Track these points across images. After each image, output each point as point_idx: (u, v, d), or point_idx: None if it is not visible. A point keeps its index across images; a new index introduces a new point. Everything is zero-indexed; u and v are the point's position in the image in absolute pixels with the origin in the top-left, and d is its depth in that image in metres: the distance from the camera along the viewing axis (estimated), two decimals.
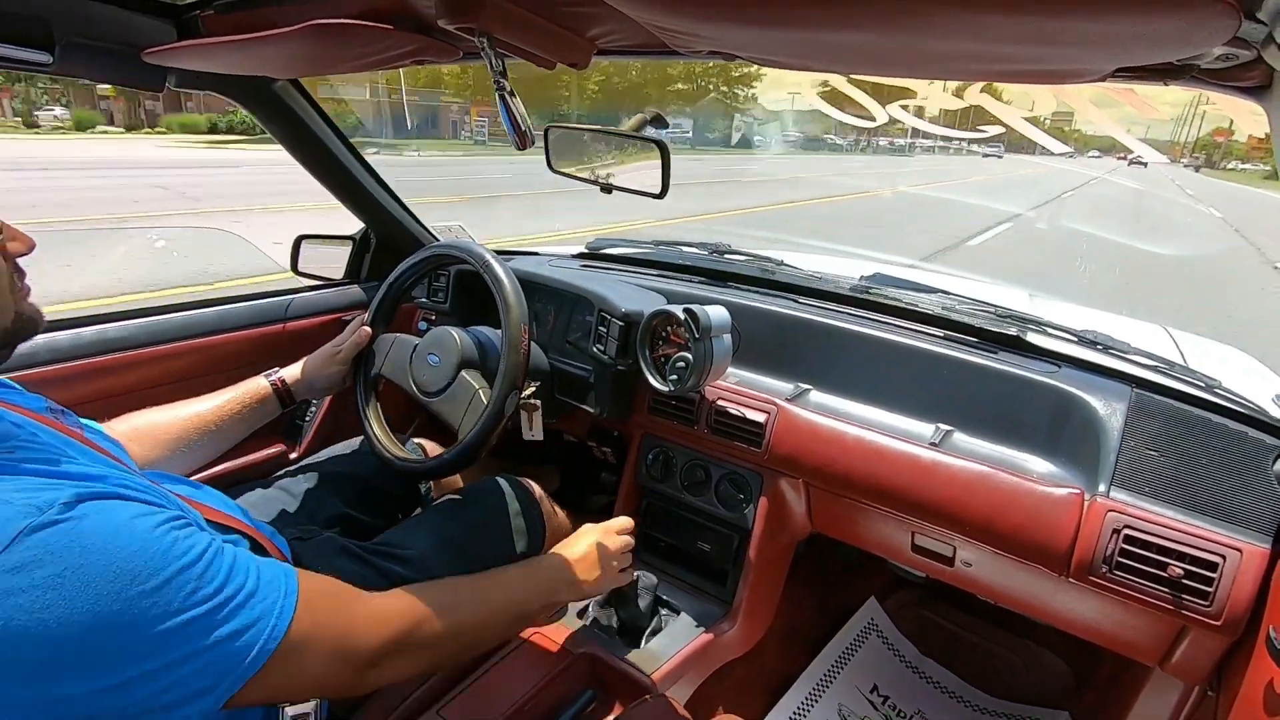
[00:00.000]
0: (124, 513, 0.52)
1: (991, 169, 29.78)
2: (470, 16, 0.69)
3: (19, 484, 0.51)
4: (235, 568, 0.56)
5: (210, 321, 1.34)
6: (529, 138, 0.82)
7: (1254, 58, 0.54)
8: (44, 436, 0.62)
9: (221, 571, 0.55)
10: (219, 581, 0.54)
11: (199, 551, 0.54)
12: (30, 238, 0.63)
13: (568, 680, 1.03)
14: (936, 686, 1.46)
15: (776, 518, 1.21)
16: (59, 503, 0.49)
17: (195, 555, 0.54)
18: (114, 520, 0.51)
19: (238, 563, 0.57)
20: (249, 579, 0.56)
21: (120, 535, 0.50)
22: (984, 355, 1.12)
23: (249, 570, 0.57)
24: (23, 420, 0.62)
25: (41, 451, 0.58)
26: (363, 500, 1.16)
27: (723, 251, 1.59)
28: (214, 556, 0.55)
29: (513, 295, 1.04)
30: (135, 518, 0.53)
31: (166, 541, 0.52)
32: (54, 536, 0.47)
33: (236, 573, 0.56)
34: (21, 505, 0.48)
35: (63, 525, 0.48)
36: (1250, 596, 0.81)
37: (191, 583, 0.52)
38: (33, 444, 0.59)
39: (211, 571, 0.54)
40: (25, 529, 0.46)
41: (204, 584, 0.53)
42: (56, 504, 0.49)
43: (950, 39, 0.56)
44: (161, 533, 0.53)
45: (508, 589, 0.82)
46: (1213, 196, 20.95)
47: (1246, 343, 1.87)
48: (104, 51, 0.95)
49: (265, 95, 1.29)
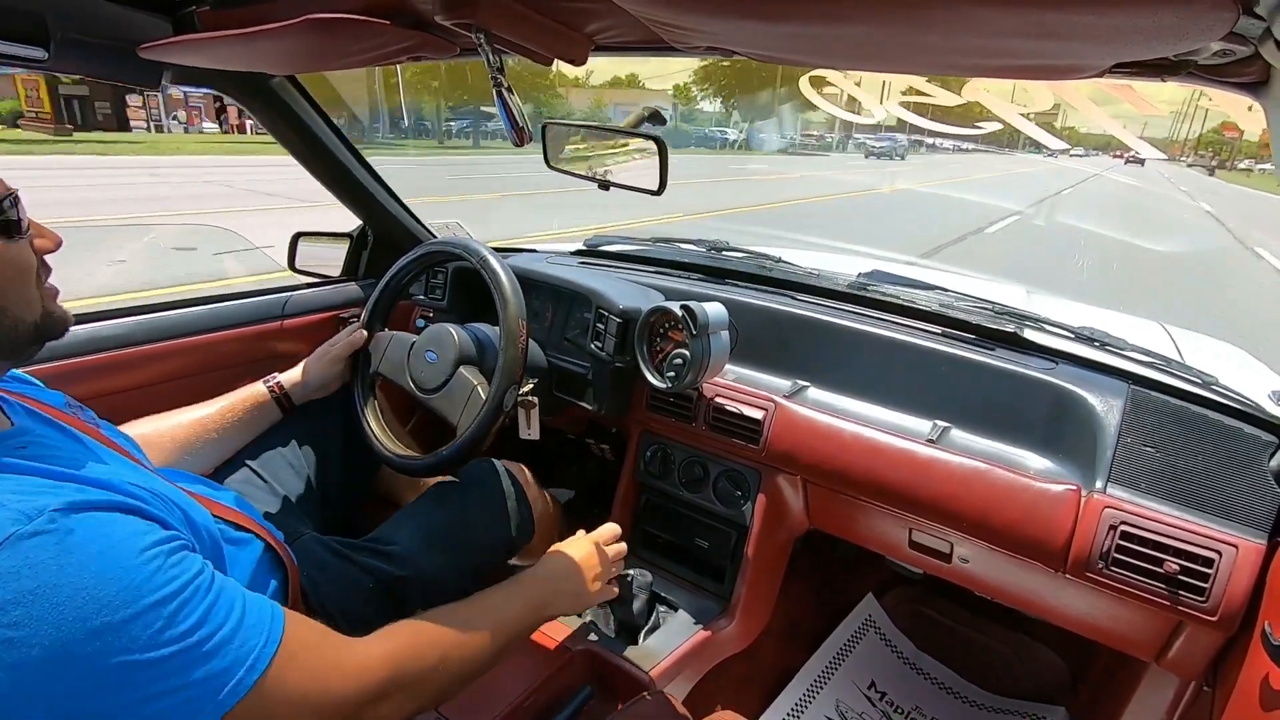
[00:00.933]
0: (116, 529, 0.50)
1: (949, 171, 27.14)
2: (467, 12, 0.69)
3: (19, 484, 0.50)
4: (216, 606, 0.53)
5: (207, 319, 1.34)
6: (527, 134, 0.82)
7: (1251, 53, 0.54)
8: (61, 434, 0.61)
9: (199, 610, 0.51)
10: (194, 620, 0.51)
11: (181, 584, 0.51)
12: (57, 234, 0.62)
13: (566, 677, 1.03)
14: (933, 682, 1.46)
15: (774, 514, 1.21)
16: (50, 510, 0.47)
17: (176, 588, 0.51)
18: (102, 538, 0.49)
19: (220, 600, 0.54)
20: (228, 621, 0.53)
21: (103, 557, 0.48)
22: (981, 352, 1.12)
23: (229, 611, 0.54)
24: (41, 416, 0.62)
25: (54, 450, 0.57)
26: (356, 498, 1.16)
27: (720, 249, 1.59)
28: (194, 593, 0.52)
29: (510, 290, 1.04)
30: (126, 537, 0.50)
31: (149, 570, 0.50)
32: (37, 549, 0.46)
33: (215, 612, 0.52)
34: (13, 510, 0.46)
35: (49, 536, 0.46)
36: (1246, 592, 0.82)
37: (162, 620, 0.49)
38: (47, 442, 0.58)
39: (189, 609, 0.51)
40: (11, 536, 0.45)
41: (175, 623, 0.49)
42: (47, 511, 0.47)
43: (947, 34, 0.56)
44: (147, 559, 0.50)
45: (496, 613, 0.79)
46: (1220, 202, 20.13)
47: (1225, 326, 1.86)
48: (99, 47, 0.94)
49: (262, 91, 1.29)
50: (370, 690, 0.61)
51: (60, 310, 0.63)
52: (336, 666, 0.60)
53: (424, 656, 0.67)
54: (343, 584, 0.93)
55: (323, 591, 0.90)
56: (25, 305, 0.58)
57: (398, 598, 0.96)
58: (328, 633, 0.63)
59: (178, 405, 1.05)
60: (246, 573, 0.77)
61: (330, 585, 0.92)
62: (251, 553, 0.79)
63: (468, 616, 0.75)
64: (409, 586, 0.97)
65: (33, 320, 0.59)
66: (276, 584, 0.82)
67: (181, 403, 1.05)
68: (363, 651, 0.63)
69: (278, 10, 0.79)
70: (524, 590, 0.85)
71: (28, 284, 0.59)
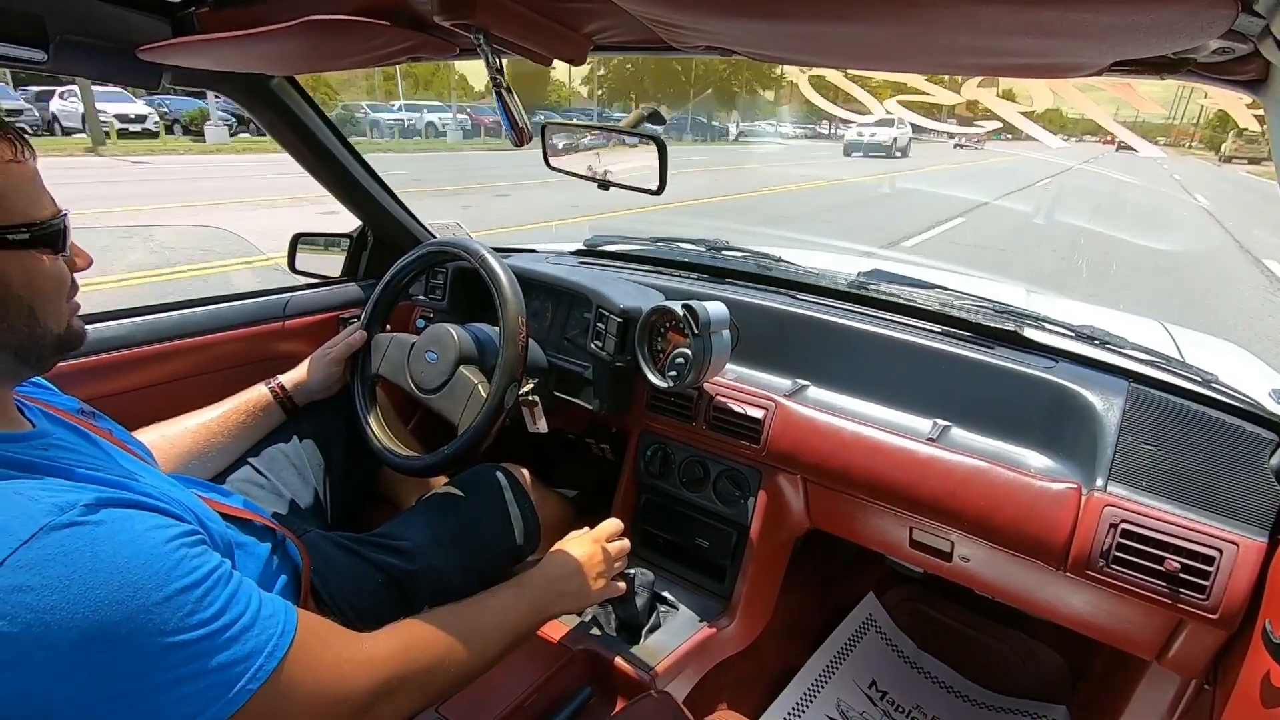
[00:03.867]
0: (141, 523, 0.53)
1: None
2: (467, 13, 0.69)
3: (46, 484, 0.52)
4: (236, 597, 0.56)
5: (209, 320, 1.34)
6: (526, 133, 0.82)
7: (1250, 51, 0.54)
8: (76, 437, 0.64)
9: (221, 598, 0.54)
10: (216, 608, 0.53)
11: (204, 573, 0.54)
12: (89, 255, 0.66)
13: (567, 676, 1.03)
14: (934, 681, 1.46)
15: (775, 514, 1.21)
16: (81, 504, 0.50)
17: (199, 576, 0.53)
18: (129, 529, 0.51)
19: (239, 592, 0.56)
20: (247, 611, 0.56)
21: (132, 545, 0.50)
22: (981, 350, 1.12)
23: (249, 602, 0.57)
24: (60, 420, 0.65)
25: (72, 453, 0.60)
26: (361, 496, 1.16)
27: (720, 248, 1.59)
28: (216, 582, 0.55)
29: (509, 287, 1.04)
30: (151, 529, 0.53)
31: (175, 558, 0.53)
32: (71, 538, 0.48)
33: (236, 602, 0.55)
34: (46, 504, 0.49)
35: (81, 528, 0.49)
36: (1247, 590, 0.81)
37: (189, 605, 0.51)
38: (67, 445, 0.60)
39: (211, 597, 0.53)
40: (45, 527, 0.47)
41: (201, 608, 0.52)
42: (79, 505, 0.50)
43: (946, 32, 0.56)
44: (172, 548, 0.53)
45: (500, 613, 0.80)
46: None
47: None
48: (99, 49, 0.95)
49: (261, 93, 1.29)
50: (379, 683, 0.63)
51: (80, 325, 0.66)
52: (349, 659, 0.62)
53: (429, 653, 0.69)
54: (352, 578, 0.93)
55: (331, 586, 0.91)
56: (55, 317, 0.61)
57: (406, 593, 0.96)
58: (337, 627, 0.65)
59: (180, 406, 1.05)
60: (257, 571, 0.79)
61: (339, 579, 0.92)
62: (261, 552, 0.81)
63: (471, 616, 0.76)
64: (418, 582, 0.97)
65: (58, 332, 0.62)
66: (287, 580, 0.84)
67: (184, 403, 1.06)
68: (371, 646, 0.65)
69: (277, 12, 0.79)
70: (527, 590, 0.86)
71: (61, 297, 0.62)
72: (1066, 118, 50.87)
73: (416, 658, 0.67)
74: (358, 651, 0.64)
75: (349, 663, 0.62)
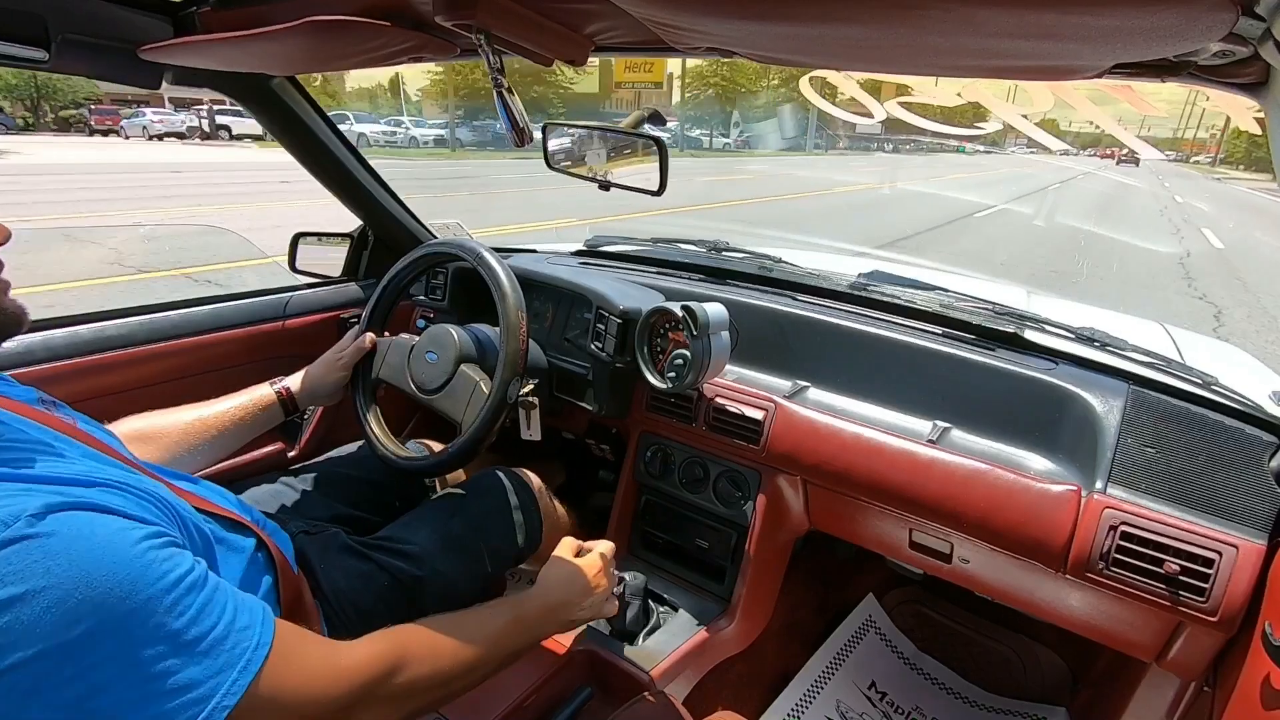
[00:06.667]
0: (100, 527, 0.49)
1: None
2: (468, 13, 0.69)
3: None
4: (210, 605, 0.52)
5: (208, 319, 1.34)
6: (528, 134, 0.82)
7: (1251, 54, 0.54)
8: (32, 432, 0.59)
9: (192, 607, 0.50)
10: (188, 617, 0.50)
11: (173, 579, 0.50)
12: (6, 227, 0.60)
13: (566, 677, 1.03)
14: (934, 683, 1.46)
15: (774, 515, 1.21)
16: (26, 514, 0.46)
17: (167, 584, 0.50)
18: (86, 537, 0.48)
19: (214, 599, 0.53)
20: (220, 621, 0.52)
21: (91, 555, 0.47)
22: (982, 352, 1.12)
23: (223, 610, 0.53)
24: (8, 416, 0.60)
25: (25, 451, 0.56)
26: (365, 499, 1.16)
27: (721, 249, 1.59)
28: (187, 589, 0.51)
29: (508, 284, 1.05)
30: (112, 534, 0.49)
31: (140, 565, 0.49)
32: (18, 554, 0.44)
33: (209, 612, 0.52)
34: None
35: (31, 542, 0.45)
36: (1246, 592, 0.81)
37: (158, 615, 0.48)
38: (17, 443, 0.56)
39: (182, 605, 0.50)
40: None
41: (171, 618, 0.48)
42: (24, 516, 0.46)
43: (948, 34, 0.56)
44: (137, 553, 0.49)
45: (488, 634, 0.77)
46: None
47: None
48: (100, 48, 0.94)
49: (263, 93, 1.29)
50: (357, 693, 0.61)
51: (14, 305, 0.61)
52: (327, 670, 0.60)
53: (413, 666, 0.67)
54: (358, 579, 0.93)
55: (337, 585, 0.91)
56: None
57: (411, 597, 0.96)
58: (316, 637, 0.63)
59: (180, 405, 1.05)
60: (238, 571, 0.75)
61: (346, 579, 0.92)
62: (243, 551, 0.77)
63: (462, 632, 0.74)
64: (424, 586, 0.97)
65: None
66: (270, 582, 0.80)
67: (183, 402, 1.05)
68: (350, 655, 0.63)
69: (278, 12, 0.79)
70: (522, 611, 0.83)
71: None
72: (1062, 129, 50.23)
73: (399, 669, 0.65)
74: (337, 662, 0.61)
75: (328, 673, 0.60)
